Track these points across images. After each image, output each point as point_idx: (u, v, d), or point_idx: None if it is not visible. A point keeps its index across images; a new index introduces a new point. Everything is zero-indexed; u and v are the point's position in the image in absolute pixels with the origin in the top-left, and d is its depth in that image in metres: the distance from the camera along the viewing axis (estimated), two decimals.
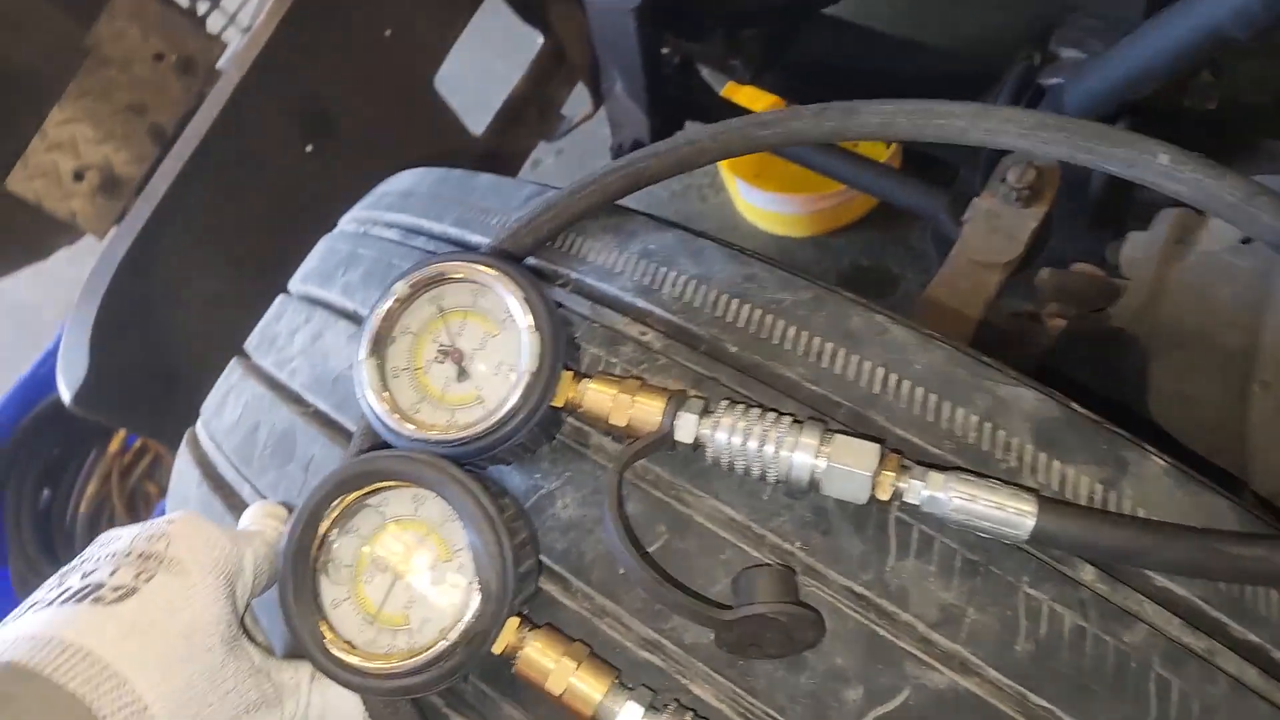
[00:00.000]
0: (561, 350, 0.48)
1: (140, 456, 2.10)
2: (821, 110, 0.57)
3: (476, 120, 1.57)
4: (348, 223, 0.82)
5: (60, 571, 0.46)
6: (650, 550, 0.48)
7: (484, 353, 0.50)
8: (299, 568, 0.45)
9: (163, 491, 2.09)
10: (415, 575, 0.46)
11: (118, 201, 1.31)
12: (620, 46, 1.14)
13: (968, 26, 1.75)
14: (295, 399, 0.68)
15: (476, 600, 0.44)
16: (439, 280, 0.51)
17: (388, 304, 0.50)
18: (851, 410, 0.50)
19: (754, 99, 1.84)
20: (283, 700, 0.48)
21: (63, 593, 0.43)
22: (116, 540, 0.47)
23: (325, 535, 0.46)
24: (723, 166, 1.92)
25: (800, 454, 0.46)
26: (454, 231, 0.67)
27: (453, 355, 0.50)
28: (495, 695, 0.49)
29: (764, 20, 1.32)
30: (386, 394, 0.49)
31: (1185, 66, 0.91)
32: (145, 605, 0.43)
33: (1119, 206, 1.05)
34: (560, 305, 0.55)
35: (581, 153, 2.07)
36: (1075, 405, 0.51)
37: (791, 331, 0.53)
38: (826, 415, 0.50)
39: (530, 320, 0.48)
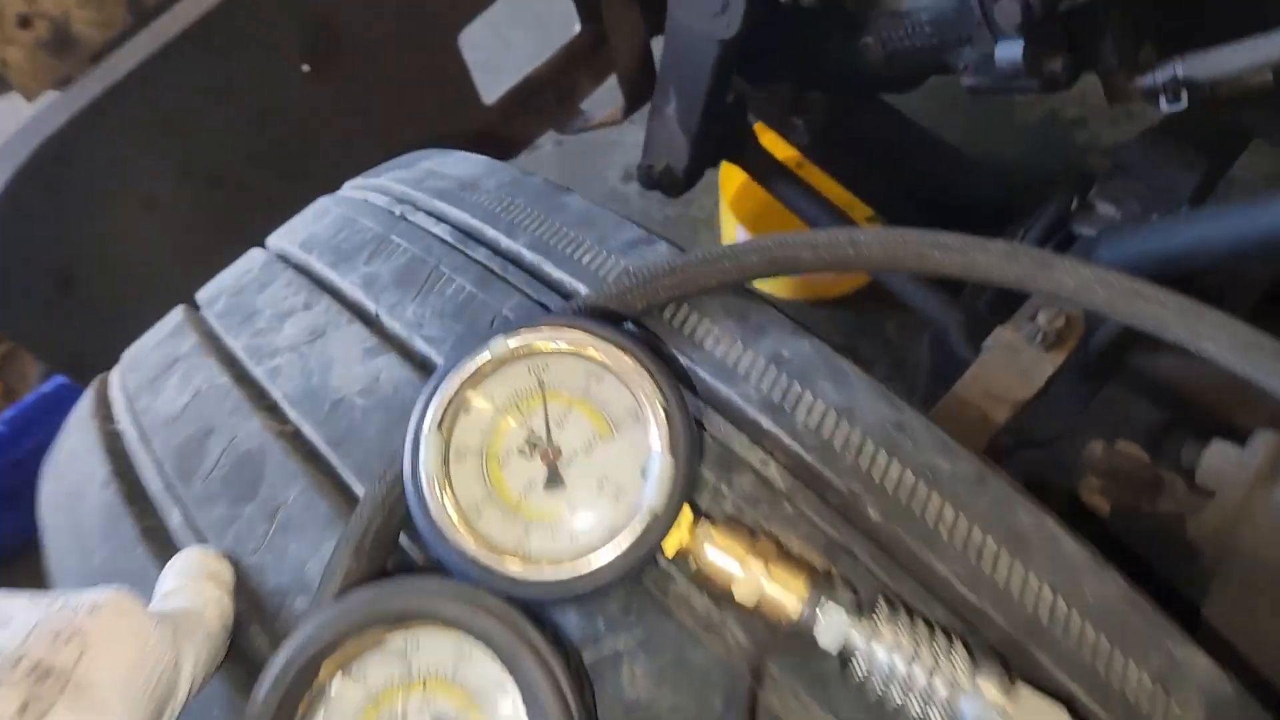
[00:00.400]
0: (693, 485, 0.37)
1: None
2: (1013, 252, 0.49)
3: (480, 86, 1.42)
4: (372, 193, 0.67)
5: None
6: None
7: (588, 461, 0.38)
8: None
9: (8, 392, 1.80)
10: None
11: (62, 63, 1.10)
12: (693, 72, 1.04)
13: (1011, 153, 1.73)
14: (271, 409, 0.53)
15: None
16: (551, 349, 0.38)
17: (477, 361, 0.37)
18: (1008, 636, 0.40)
19: (774, 145, 1.76)
20: None
21: None
22: (3, 626, 0.31)
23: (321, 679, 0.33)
24: (727, 207, 1.83)
25: (971, 703, 0.35)
26: (529, 256, 0.54)
27: (545, 454, 0.37)
28: None
29: (836, 87, 1.24)
30: (449, 490, 0.36)
31: (1236, 261, 0.90)
32: None
33: (1113, 368, 1.04)
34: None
35: (582, 148, 1.93)
36: (1234, 678, 0.43)
37: (949, 513, 0.43)
38: (979, 633, 0.40)
39: (666, 441, 0.36)
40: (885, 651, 0.36)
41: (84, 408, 0.64)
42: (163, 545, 0.49)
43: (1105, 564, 0.43)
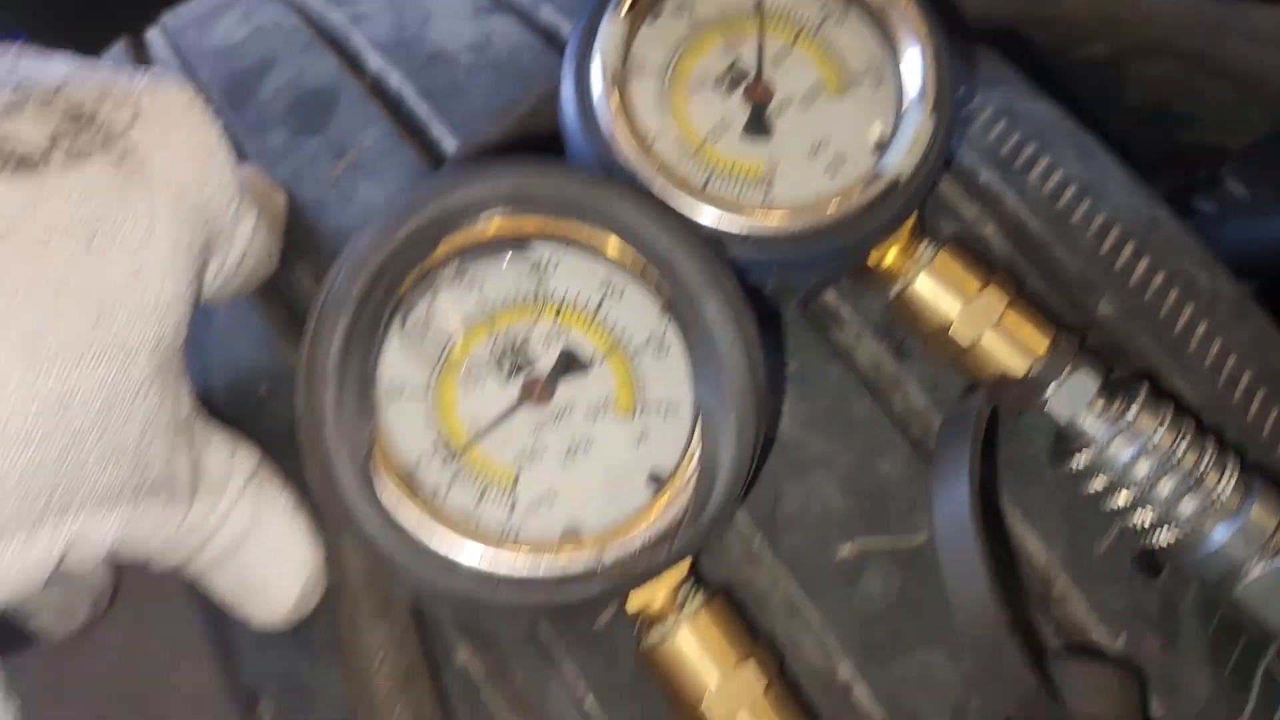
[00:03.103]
0: (946, 166, 0.30)
1: None
2: None
3: None
4: None
5: None
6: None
7: (804, 115, 0.30)
8: (373, 291, 0.24)
9: None
10: (555, 419, 0.26)
11: None
12: None
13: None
14: (351, 58, 0.45)
15: (671, 514, 0.25)
16: None
17: None
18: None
19: None
20: (194, 496, 0.28)
21: None
22: (42, 69, 0.25)
23: (437, 264, 0.26)
24: None
25: (1229, 529, 0.29)
26: None
27: (752, 90, 0.30)
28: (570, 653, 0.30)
29: None
30: (624, 101, 0.29)
31: None
32: (50, 201, 0.22)
33: None
34: None
35: None
36: None
37: (1201, 329, 0.36)
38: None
39: (931, 95, 0.29)
40: (1130, 444, 0.29)
41: (111, 53, 0.56)
42: None
43: None
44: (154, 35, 0.55)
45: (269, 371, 0.36)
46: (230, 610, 0.32)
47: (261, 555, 0.31)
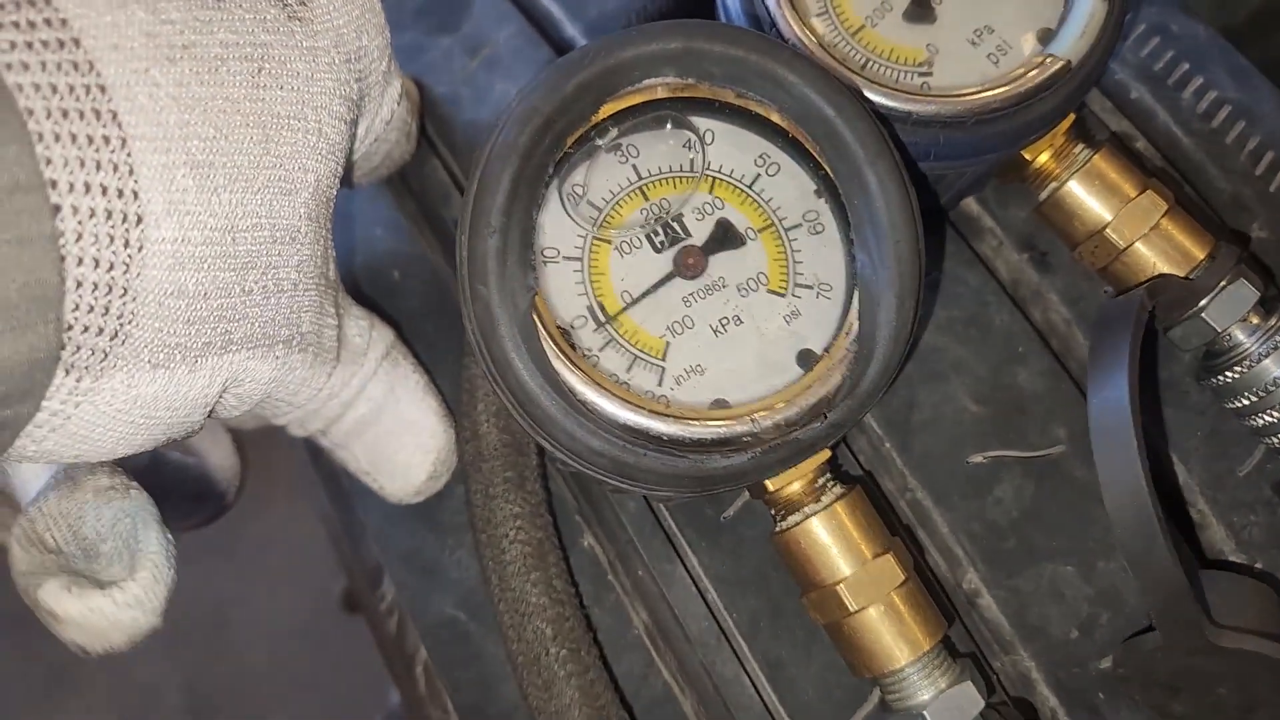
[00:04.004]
0: (1109, 57, 0.29)
1: None
2: None
3: None
4: None
5: None
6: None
7: (968, 2, 0.30)
8: (539, 144, 0.24)
9: None
10: (706, 292, 0.26)
11: None
12: None
13: None
14: None
15: (824, 390, 0.25)
16: None
17: None
18: None
19: None
20: (334, 364, 0.29)
21: None
22: None
23: (591, 128, 0.26)
24: None
25: None
26: None
27: None
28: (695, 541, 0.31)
29: None
30: None
31: None
32: (224, 25, 0.23)
33: None
34: None
35: None
36: None
37: None
38: None
39: None
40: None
41: None
42: None
43: None
44: None
45: (402, 258, 0.37)
46: (366, 481, 0.33)
47: (396, 428, 0.33)
